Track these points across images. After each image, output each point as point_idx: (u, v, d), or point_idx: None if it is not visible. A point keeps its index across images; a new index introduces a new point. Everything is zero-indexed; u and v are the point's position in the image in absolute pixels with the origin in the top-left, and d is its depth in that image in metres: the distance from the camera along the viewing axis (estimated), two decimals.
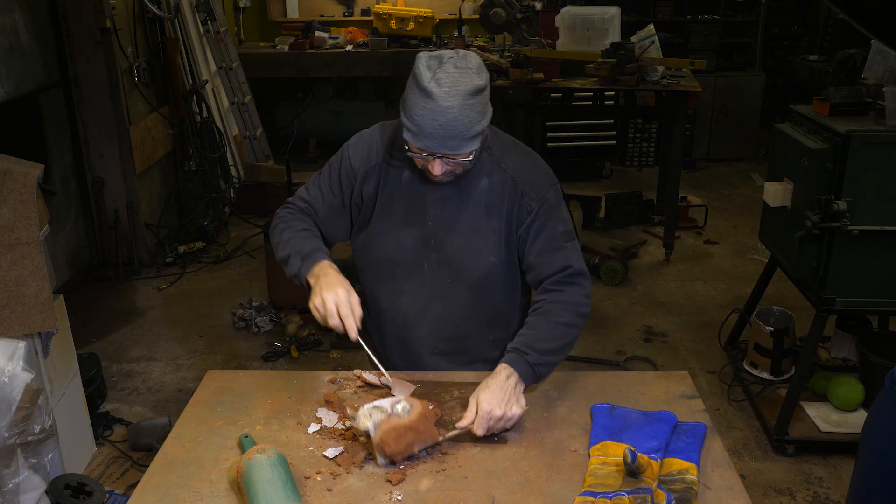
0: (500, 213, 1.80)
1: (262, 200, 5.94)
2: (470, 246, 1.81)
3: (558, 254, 1.81)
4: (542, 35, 5.31)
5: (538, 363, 1.71)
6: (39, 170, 2.59)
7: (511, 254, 1.84)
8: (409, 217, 1.82)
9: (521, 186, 1.79)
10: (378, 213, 1.84)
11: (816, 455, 3.08)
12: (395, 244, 1.84)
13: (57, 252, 4.42)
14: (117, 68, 4.67)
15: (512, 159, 1.82)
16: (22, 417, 2.39)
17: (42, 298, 2.52)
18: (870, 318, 3.45)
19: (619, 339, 4.08)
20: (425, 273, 1.84)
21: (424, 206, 1.81)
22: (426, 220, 1.81)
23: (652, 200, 5.76)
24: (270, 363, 3.87)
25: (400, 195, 1.82)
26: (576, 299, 1.80)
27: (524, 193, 1.79)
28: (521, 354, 1.71)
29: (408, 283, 1.86)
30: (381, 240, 1.85)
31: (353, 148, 1.87)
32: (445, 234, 1.81)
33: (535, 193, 1.79)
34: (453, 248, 1.81)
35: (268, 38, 7.62)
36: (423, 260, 1.84)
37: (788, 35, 7.53)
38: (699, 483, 1.50)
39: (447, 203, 1.80)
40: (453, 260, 1.82)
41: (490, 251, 1.81)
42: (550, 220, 1.80)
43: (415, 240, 1.83)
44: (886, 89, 2.81)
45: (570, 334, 1.79)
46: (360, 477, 1.54)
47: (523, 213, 1.80)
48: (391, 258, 1.85)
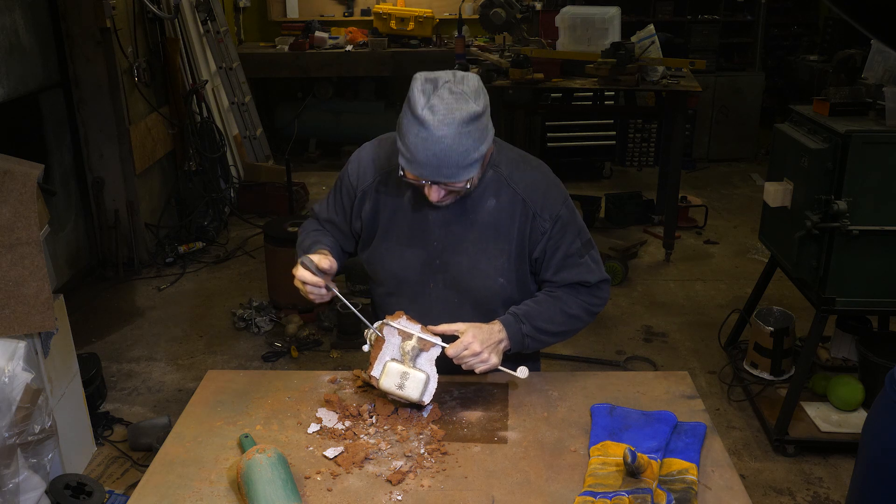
0: (510, 234, 1.76)
1: (262, 200, 5.95)
2: (477, 268, 1.78)
3: (575, 270, 1.80)
4: (542, 35, 5.31)
5: (529, 335, 1.76)
6: (39, 170, 2.59)
7: (521, 274, 1.81)
8: (413, 238, 1.79)
9: (533, 207, 1.75)
10: (381, 234, 1.82)
11: (816, 455, 3.08)
12: (400, 264, 1.81)
13: (57, 252, 4.42)
14: (117, 68, 4.67)
15: (521, 177, 1.76)
16: (22, 417, 2.39)
17: (42, 298, 2.52)
18: (870, 318, 3.45)
19: (619, 339, 4.08)
20: (431, 293, 1.82)
21: (428, 227, 1.77)
22: (431, 241, 1.78)
23: (652, 200, 5.76)
24: (270, 363, 3.87)
25: (402, 215, 1.79)
26: (590, 300, 1.84)
27: (536, 214, 1.75)
28: (518, 322, 1.75)
29: (414, 302, 1.83)
30: (385, 259, 1.83)
31: (353, 164, 1.85)
32: (451, 256, 1.78)
33: (548, 213, 1.75)
34: (459, 269, 1.78)
35: (268, 38, 7.62)
36: (429, 280, 1.81)
37: (788, 35, 7.52)
38: (699, 483, 1.50)
39: (452, 224, 1.76)
40: (460, 281, 1.79)
41: (498, 272, 1.78)
42: (565, 236, 1.78)
43: (419, 260, 1.80)
44: (886, 89, 2.81)
45: (572, 325, 1.82)
46: (360, 477, 1.54)
47: (536, 234, 1.76)
48: (396, 276, 1.83)
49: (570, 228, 1.78)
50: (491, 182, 1.75)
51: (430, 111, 1.52)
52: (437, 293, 1.81)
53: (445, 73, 1.57)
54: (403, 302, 1.83)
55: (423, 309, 1.81)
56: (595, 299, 1.84)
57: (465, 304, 1.82)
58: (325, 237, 1.90)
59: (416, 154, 1.55)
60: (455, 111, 1.52)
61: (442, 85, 1.53)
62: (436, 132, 1.51)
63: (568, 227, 1.78)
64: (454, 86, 1.54)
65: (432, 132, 1.51)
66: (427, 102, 1.52)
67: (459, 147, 1.53)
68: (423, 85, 1.55)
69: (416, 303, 1.83)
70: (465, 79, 1.56)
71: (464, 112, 1.52)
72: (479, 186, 1.73)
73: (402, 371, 1.67)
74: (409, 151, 1.56)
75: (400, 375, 1.66)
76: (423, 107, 1.52)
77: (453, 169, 1.56)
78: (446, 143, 1.52)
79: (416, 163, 1.56)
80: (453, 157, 1.54)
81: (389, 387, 1.67)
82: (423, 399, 1.68)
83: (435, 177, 1.58)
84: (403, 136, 1.56)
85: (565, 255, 1.78)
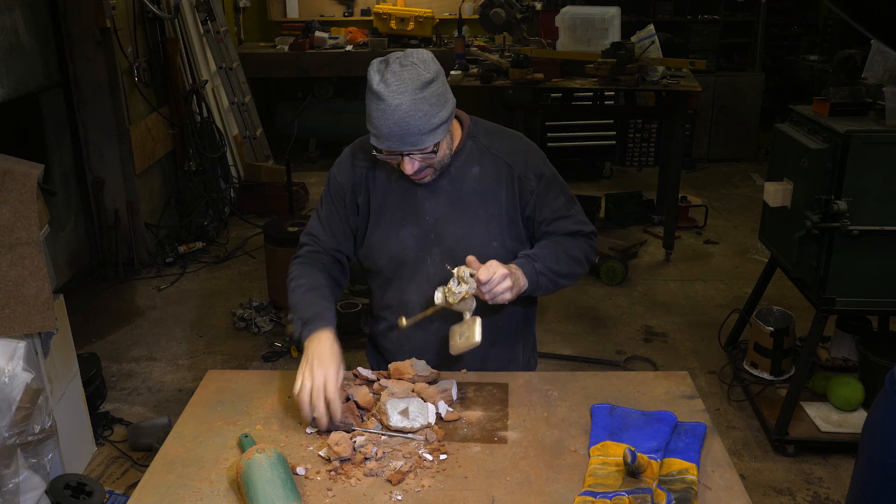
0: (498, 198, 1.83)
1: (262, 200, 5.95)
2: (471, 234, 1.83)
3: (568, 220, 1.87)
4: (542, 35, 5.31)
5: (543, 273, 1.79)
6: (39, 170, 2.59)
7: (515, 235, 1.87)
8: (406, 217, 1.84)
9: (517, 169, 1.83)
10: (374, 219, 1.87)
11: (816, 455, 3.08)
12: (397, 245, 1.86)
13: (57, 252, 4.42)
14: (117, 68, 4.67)
15: (500, 144, 1.85)
16: (22, 417, 2.39)
17: (42, 298, 2.52)
18: (870, 318, 3.45)
19: (619, 339, 4.08)
20: (429, 268, 1.86)
21: (418, 203, 1.83)
22: (423, 216, 1.83)
23: (652, 200, 5.76)
24: (270, 363, 3.87)
25: (392, 198, 1.85)
26: (587, 248, 1.90)
27: (521, 175, 1.83)
28: (531, 261, 1.79)
29: (413, 279, 1.88)
30: (383, 244, 1.87)
31: (337, 167, 1.92)
32: (444, 227, 1.83)
33: (532, 172, 1.84)
34: (454, 238, 1.83)
35: (268, 38, 7.63)
36: (426, 255, 1.85)
37: (788, 35, 7.53)
38: (699, 483, 1.50)
39: (440, 196, 1.82)
40: (455, 250, 1.83)
41: (491, 237, 1.84)
42: (551, 191, 1.85)
43: (415, 237, 1.84)
44: (886, 89, 2.81)
45: (576, 268, 1.87)
46: (360, 477, 1.54)
47: (525, 194, 1.84)
48: (395, 259, 1.87)
49: (554, 185, 1.87)
50: (473, 151, 1.84)
51: (384, 84, 1.61)
52: (434, 267, 1.85)
53: (396, 52, 1.67)
54: (403, 283, 1.88)
55: (420, 286, 1.86)
56: (590, 248, 1.91)
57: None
58: (325, 302, 1.82)
59: (380, 128, 1.64)
60: (406, 80, 1.61)
61: (393, 61, 1.64)
62: (392, 102, 1.60)
63: (552, 183, 1.86)
64: (404, 59, 1.64)
65: (388, 102, 1.60)
66: (381, 79, 1.62)
67: (417, 112, 1.61)
68: (377, 65, 1.65)
69: (416, 280, 1.87)
70: (414, 53, 1.66)
71: (416, 80, 1.61)
72: (461, 156, 1.81)
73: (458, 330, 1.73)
74: (374, 126, 1.65)
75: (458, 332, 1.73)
76: (378, 82, 1.62)
77: (416, 136, 1.64)
78: (403, 109, 1.61)
79: (381, 137, 1.65)
80: (413, 123, 1.62)
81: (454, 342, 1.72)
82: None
83: (401, 146, 1.66)
84: (368, 116, 1.66)
85: (555, 209, 1.86)
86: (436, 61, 1.68)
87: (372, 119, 1.65)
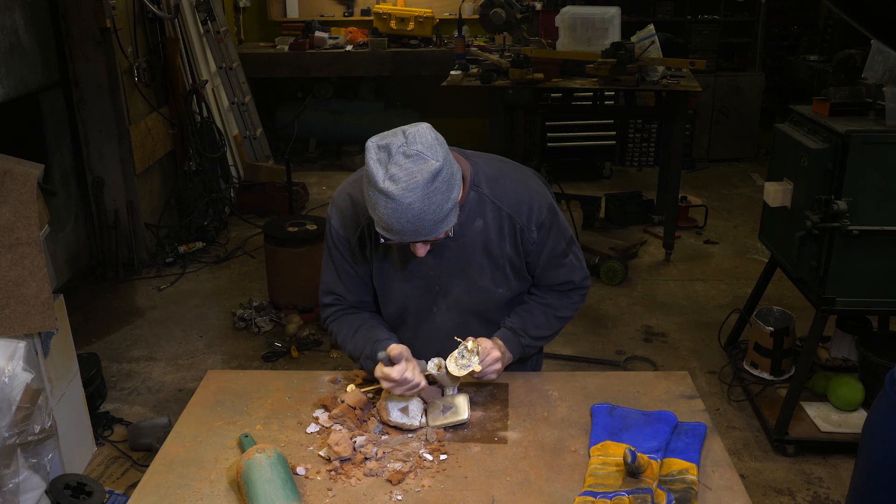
0: (503, 249, 1.80)
1: (262, 200, 5.94)
2: (476, 286, 1.82)
3: (559, 270, 1.88)
4: (542, 35, 5.31)
5: (528, 345, 1.88)
6: (39, 170, 2.59)
7: (520, 276, 1.87)
8: (410, 270, 1.81)
9: (519, 221, 1.78)
10: (377, 271, 1.84)
11: (816, 455, 3.08)
12: (401, 296, 1.85)
13: (57, 252, 4.42)
14: (117, 68, 4.67)
15: (502, 192, 1.78)
16: (22, 417, 2.39)
17: (42, 298, 2.52)
18: (870, 318, 3.45)
19: (619, 339, 4.08)
20: (436, 317, 1.87)
21: (422, 259, 1.75)
22: (427, 270, 1.81)
23: (652, 200, 5.76)
24: (270, 363, 3.87)
25: (394, 251, 1.80)
26: (577, 298, 1.95)
27: (523, 227, 1.79)
28: (516, 336, 1.86)
29: (421, 328, 1.88)
30: (387, 294, 1.86)
31: (334, 218, 1.83)
32: (449, 280, 1.82)
33: (534, 223, 1.79)
34: (459, 290, 1.83)
35: (268, 38, 7.62)
36: (433, 306, 1.85)
37: (788, 35, 7.52)
38: (699, 483, 1.50)
39: (445, 251, 1.78)
40: (462, 301, 1.84)
41: (497, 284, 1.83)
42: (549, 239, 1.83)
43: (420, 289, 1.83)
44: (886, 89, 2.80)
45: (563, 324, 1.95)
46: (360, 477, 1.54)
47: (527, 244, 1.81)
48: (400, 308, 1.87)
49: (553, 231, 1.83)
50: (475, 203, 1.76)
51: (391, 182, 1.49)
52: (442, 316, 1.86)
53: (396, 135, 1.53)
54: (411, 331, 1.89)
55: (430, 332, 1.87)
56: (580, 296, 1.95)
57: (471, 321, 1.87)
58: (370, 329, 1.86)
59: (391, 225, 1.53)
60: (416, 175, 1.49)
61: (396, 151, 1.50)
62: (403, 201, 1.49)
63: (552, 229, 1.83)
64: (407, 149, 1.50)
65: (400, 202, 1.49)
66: (386, 173, 1.49)
67: (430, 206, 1.52)
68: (377, 154, 1.51)
69: (423, 328, 1.88)
70: (416, 135, 1.52)
71: (424, 173, 1.49)
72: (465, 211, 1.74)
73: (443, 404, 1.75)
74: (384, 222, 1.54)
75: (442, 406, 1.75)
76: (383, 179, 1.49)
77: (430, 227, 1.55)
78: (416, 207, 1.50)
79: (393, 231, 1.55)
80: (427, 217, 1.53)
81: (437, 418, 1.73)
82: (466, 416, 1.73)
83: (415, 239, 1.58)
84: (373, 209, 1.54)
85: (551, 256, 1.85)
86: (440, 139, 1.56)
87: (381, 215, 1.53)
